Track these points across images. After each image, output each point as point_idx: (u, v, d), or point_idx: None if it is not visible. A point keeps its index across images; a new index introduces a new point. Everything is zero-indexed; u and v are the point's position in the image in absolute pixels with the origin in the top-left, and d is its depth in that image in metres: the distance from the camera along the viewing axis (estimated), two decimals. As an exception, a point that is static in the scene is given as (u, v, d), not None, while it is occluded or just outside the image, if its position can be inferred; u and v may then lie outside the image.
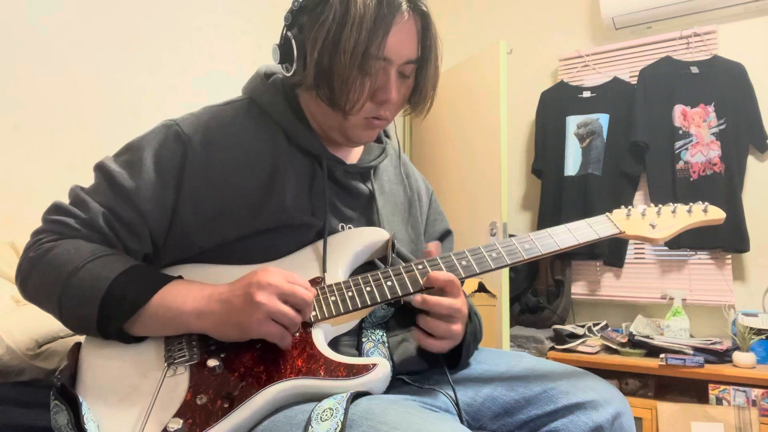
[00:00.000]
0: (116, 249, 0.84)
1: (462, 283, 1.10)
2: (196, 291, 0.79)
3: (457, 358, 0.93)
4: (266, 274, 0.76)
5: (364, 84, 0.85)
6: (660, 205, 0.98)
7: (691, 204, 0.97)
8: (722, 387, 2.22)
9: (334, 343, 0.85)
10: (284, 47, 0.89)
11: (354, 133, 0.92)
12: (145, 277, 0.80)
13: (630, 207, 0.97)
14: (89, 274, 0.78)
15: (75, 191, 0.87)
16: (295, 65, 0.88)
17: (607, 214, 0.96)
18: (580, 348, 2.54)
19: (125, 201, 0.84)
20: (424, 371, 0.94)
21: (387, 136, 1.09)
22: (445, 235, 1.14)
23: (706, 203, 0.97)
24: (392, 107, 0.91)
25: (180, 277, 0.83)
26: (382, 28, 0.83)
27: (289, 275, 0.78)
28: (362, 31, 0.81)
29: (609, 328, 2.71)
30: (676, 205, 0.98)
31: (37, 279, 0.82)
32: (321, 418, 0.67)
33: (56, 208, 0.86)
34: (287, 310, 0.75)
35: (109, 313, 0.77)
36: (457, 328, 0.85)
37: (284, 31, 0.90)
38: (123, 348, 0.80)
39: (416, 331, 0.86)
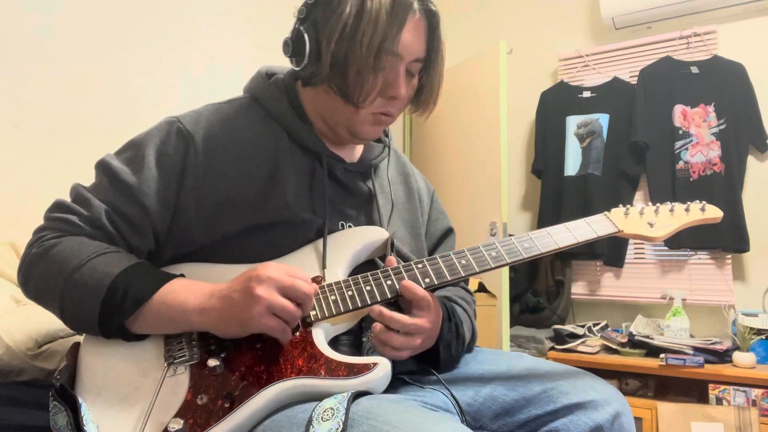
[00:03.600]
0: (119, 246, 0.84)
1: (467, 282, 1.11)
2: (197, 288, 0.79)
3: (436, 359, 0.92)
4: (266, 269, 0.76)
5: (377, 78, 0.87)
6: (658, 204, 0.98)
7: (688, 203, 0.98)
8: (722, 387, 2.21)
9: (334, 342, 0.85)
10: (296, 41, 0.90)
11: (361, 129, 0.93)
12: (147, 274, 0.81)
13: (628, 206, 0.97)
14: (92, 271, 0.78)
15: (77, 189, 0.87)
16: (306, 59, 0.88)
17: (606, 213, 0.96)
18: (580, 348, 2.54)
19: (128, 198, 0.85)
20: (423, 370, 0.94)
21: (387, 135, 1.10)
22: (447, 234, 1.14)
23: (704, 202, 0.98)
24: (399, 104, 0.93)
25: (182, 275, 0.83)
26: (396, 24, 0.85)
27: (289, 269, 0.77)
28: (378, 25, 0.83)
29: (609, 328, 2.70)
30: (673, 203, 0.98)
31: (39, 276, 0.82)
32: (322, 417, 0.67)
33: (58, 206, 0.86)
34: (287, 303, 0.75)
35: (110, 310, 0.77)
36: (416, 342, 0.82)
37: (296, 25, 0.90)
38: (122, 348, 0.80)
39: (373, 338, 0.82)
